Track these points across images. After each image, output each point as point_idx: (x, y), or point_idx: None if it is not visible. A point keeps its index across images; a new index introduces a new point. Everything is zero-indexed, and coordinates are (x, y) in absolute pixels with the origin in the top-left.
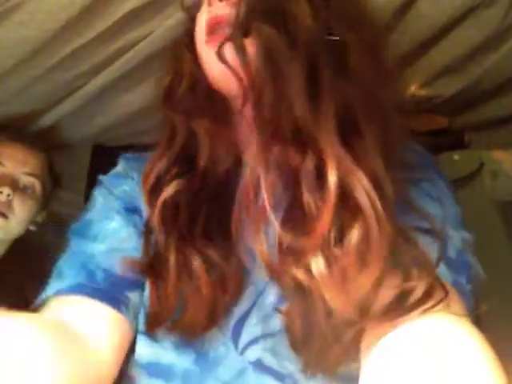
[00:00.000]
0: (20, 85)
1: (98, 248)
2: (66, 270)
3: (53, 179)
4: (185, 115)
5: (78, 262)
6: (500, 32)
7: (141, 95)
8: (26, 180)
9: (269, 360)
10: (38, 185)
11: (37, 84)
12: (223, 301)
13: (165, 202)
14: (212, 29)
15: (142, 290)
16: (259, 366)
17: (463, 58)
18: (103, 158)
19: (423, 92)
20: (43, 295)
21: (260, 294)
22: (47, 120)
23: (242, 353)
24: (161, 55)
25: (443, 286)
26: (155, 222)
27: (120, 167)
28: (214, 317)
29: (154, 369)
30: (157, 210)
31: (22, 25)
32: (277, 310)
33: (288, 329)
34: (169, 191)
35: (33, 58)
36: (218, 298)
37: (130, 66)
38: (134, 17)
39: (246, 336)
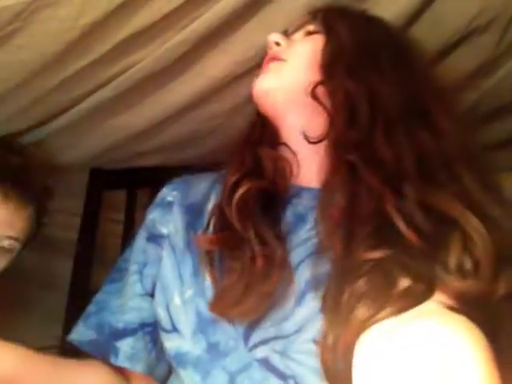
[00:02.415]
0: (19, 106)
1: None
2: None
3: (37, 228)
4: (252, 145)
5: None
6: (494, 58)
7: (137, 118)
8: (7, 243)
9: (275, 360)
10: (17, 247)
11: (36, 105)
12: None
13: (239, 198)
14: (267, 61)
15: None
16: (265, 363)
17: (458, 83)
18: (101, 181)
19: None
20: None
21: (277, 303)
22: (37, 135)
23: (250, 350)
24: (156, 77)
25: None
26: (233, 211)
27: (161, 193)
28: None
29: (178, 358)
30: (234, 203)
31: (22, 48)
32: (315, 342)
33: (322, 360)
34: (242, 189)
35: (33, 81)
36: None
37: (124, 87)
38: (135, 40)
39: (256, 337)
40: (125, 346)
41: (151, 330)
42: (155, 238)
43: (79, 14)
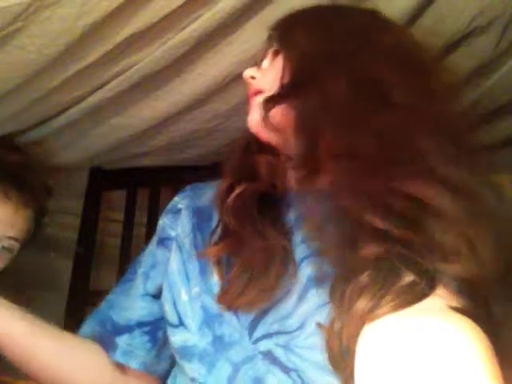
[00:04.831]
0: (20, 107)
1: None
2: None
3: (37, 228)
4: (249, 150)
5: None
6: (493, 59)
7: (137, 118)
8: (7, 243)
9: (278, 353)
10: (17, 247)
11: (36, 105)
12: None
13: (236, 197)
14: (250, 97)
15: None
16: (268, 356)
17: (458, 83)
18: (101, 181)
19: None
20: None
21: (280, 299)
22: (37, 133)
23: (254, 343)
24: (156, 77)
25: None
26: (229, 211)
27: (172, 201)
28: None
29: (183, 351)
30: (230, 202)
31: (22, 49)
32: (318, 325)
33: (327, 345)
34: (239, 189)
35: (33, 81)
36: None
37: (124, 87)
38: (135, 40)
39: (260, 330)
40: (122, 342)
41: (150, 329)
42: (164, 241)
43: (79, 15)
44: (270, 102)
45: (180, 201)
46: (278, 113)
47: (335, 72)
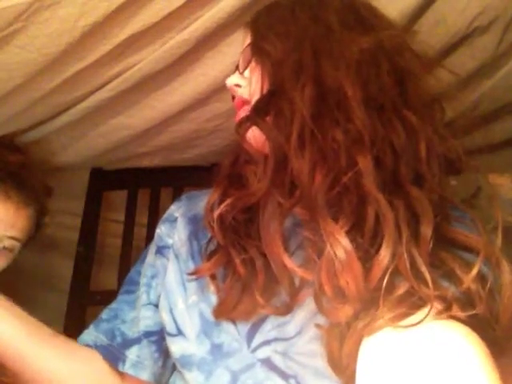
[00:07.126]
0: (20, 107)
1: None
2: None
3: (37, 228)
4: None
5: None
6: (494, 59)
7: (138, 118)
8: (7, 243)
9: (277, 360)
10: (18, 246)
11: (37, 106)
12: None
13: (220, 215)
14: (238, 107)
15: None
16: (267, 363)
17: (458, 84)
18: (102, 181)
19: None
20: None
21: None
22: (38, 133)
23: (253, 351)
24: (156, 77)
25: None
26: (215, 225)
27: (169, 210)
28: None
29: (183, 361)
30: (215, 219)
31: (23, 49)
32: (317, 326)
33: (327, 346)
34: (222, 207)
35: (33, 81)
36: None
37: (125, 88)
38: (135, 41)
39: (259, 338)
40: (131, 354)
41: (157, 338)
42: (161, 250)
43: (80, 15)
44: (245, 123)
45: (176, 209)
46: (255, 131)
47: (302, 84)
